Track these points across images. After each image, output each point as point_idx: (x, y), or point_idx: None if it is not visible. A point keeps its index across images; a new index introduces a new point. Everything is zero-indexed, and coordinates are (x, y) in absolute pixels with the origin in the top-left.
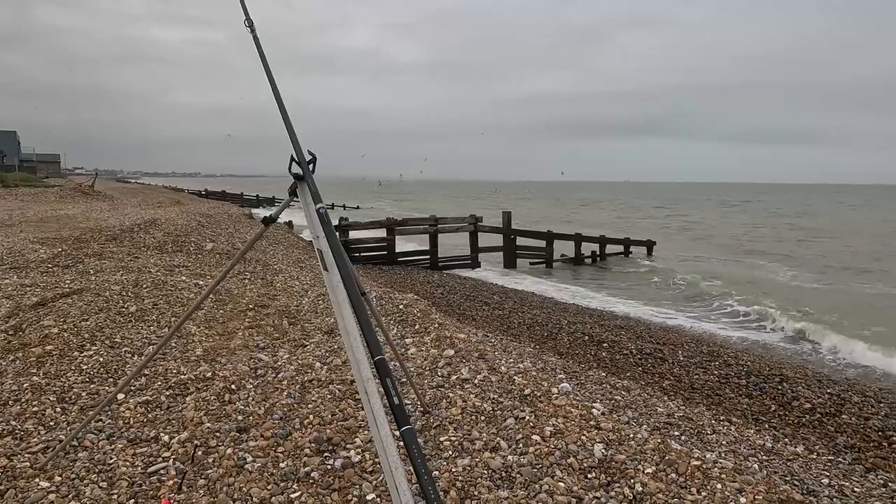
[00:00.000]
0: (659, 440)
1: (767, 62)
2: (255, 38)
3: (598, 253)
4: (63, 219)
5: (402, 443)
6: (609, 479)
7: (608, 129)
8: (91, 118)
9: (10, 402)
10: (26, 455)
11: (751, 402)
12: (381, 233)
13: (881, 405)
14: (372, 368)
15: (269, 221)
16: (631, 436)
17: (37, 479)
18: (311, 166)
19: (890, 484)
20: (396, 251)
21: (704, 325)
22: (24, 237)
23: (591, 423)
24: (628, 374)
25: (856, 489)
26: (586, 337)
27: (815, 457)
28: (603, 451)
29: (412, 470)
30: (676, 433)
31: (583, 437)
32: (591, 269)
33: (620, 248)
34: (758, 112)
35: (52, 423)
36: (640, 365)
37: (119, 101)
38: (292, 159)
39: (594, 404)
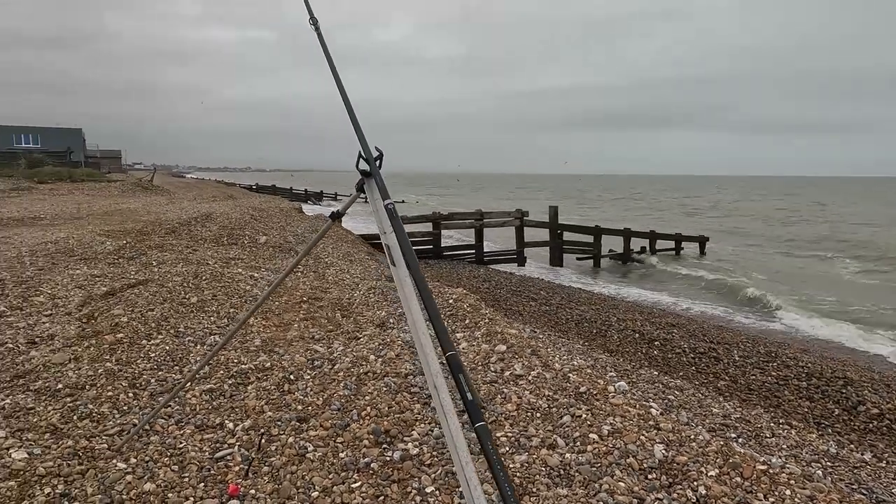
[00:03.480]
0: (721, 442)
1: (785, 52)
2: (320, 36)
3: (647, 249)
4: (126, 212)
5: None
6: (671, 480)
7: (631, 121)
8: (149, 115)
9: (87, 387)
10: (104, 437)
11: (812, 406)
12: (428, 227)
13: None
14: (441, 363)
15: (336, 217)
16: (692, 437)
17: (114, 461)
18: (378, 162)
19: None
20: (442, 245)
21: (761, 324)
22: (92, 230)
23: (650, 423)
24: (681, 374)
25: None
26: (637, 334)
27: (884, 465)
28: (663, 451)
29: (487, 467)
30: (733, 435)
31: (642, 437)
32: (640, 266)
33: (671, 244)
34: (770, 102)
35: (125, 408)
36: (694, 364)
37: (175, 98)
38: (360, 156)
39: (652, 404)
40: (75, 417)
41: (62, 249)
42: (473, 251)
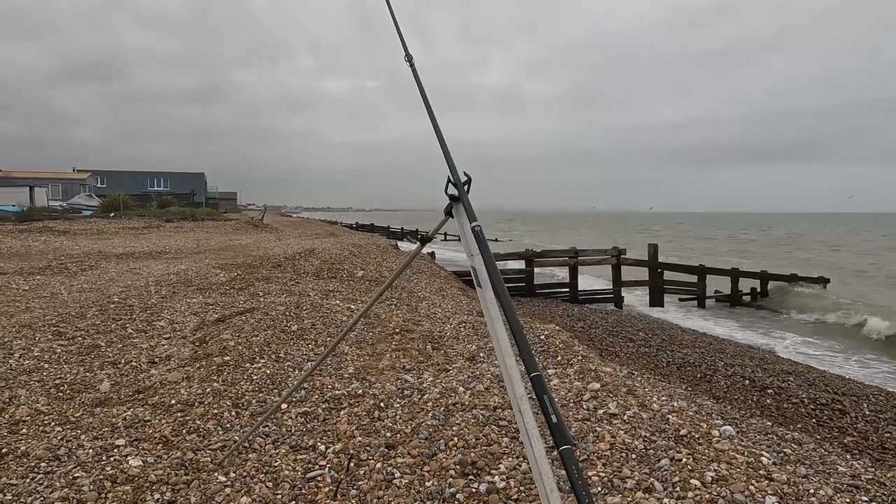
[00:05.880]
0: (847, 500)
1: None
2: (414, 70)
3: (758, 290)
4: (238, 248)
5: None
6: None
7: (746, 154)
8: (263, 159)
9: (196, 404)
10: (208, 451)
11: None
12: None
13: None
14: (527, 385)
15: (425, 240)
16: (811, 491)
17: (216, 474)
18: (466, 187)
19: None
20: (535, 283)
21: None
22: (208, 263)
23: (761, 472)
24: (799, 426)
25: None
26: (747, 381)
27: None
28: None
29: (573, 494)
30: (865, 498)
31: (751, 487)
32: (749, 308)
33: (785, 286)
34: None
35: (228, 425)
36: (814, 416)
37: (287, 143)
38: (448, 181)
39: (762, 451)
40: (184, 431)
41: (182, 280)
42: (567, 289)
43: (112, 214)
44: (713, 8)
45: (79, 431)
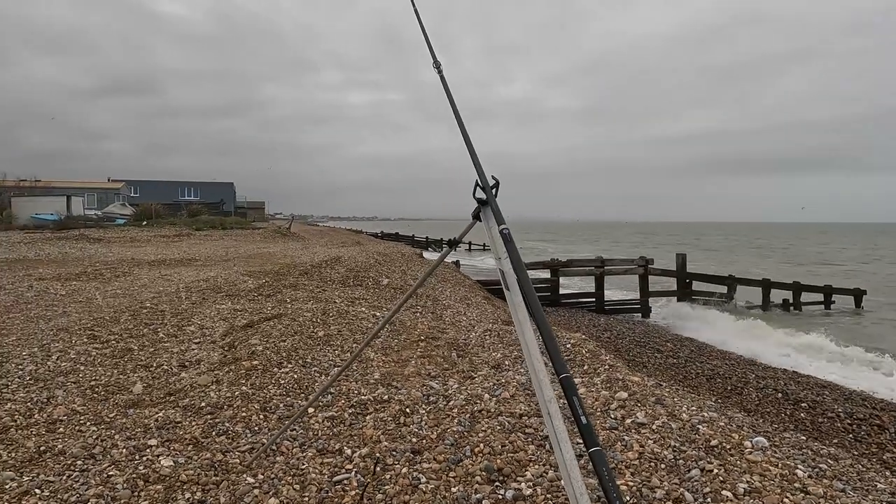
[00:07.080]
0: None
1: None
2: (442, 77)
3: (791, 301)
4: (266, 255)
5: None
6: None
7: (768, 165)
8: (289, 170)
9: (225, 407)
10: (236, 453)
11: None
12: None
13: None
14: (555, 388)
15: (453, 244)
16: None
17: (245, 475)
18: (494, 191)
19: None
20: (560, 292)
21: None
22: (237, 270)
23: (796, 485)
24: (835, 441)
25: None
26: (779, 394)
27: None
28: None
29: (602, 494)
30: None
31: (786, 500)
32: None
33: (820, 297)
34: None
35: (256, 428)
36: (851, 432)
37: (312, 154)
38: (476, 184)
39: (797, 464)
40: (214, 433)
41: (211, 286)
42: (593, 299)
43: (144, 223)
44: (731, 23)
45: (113, 431)
